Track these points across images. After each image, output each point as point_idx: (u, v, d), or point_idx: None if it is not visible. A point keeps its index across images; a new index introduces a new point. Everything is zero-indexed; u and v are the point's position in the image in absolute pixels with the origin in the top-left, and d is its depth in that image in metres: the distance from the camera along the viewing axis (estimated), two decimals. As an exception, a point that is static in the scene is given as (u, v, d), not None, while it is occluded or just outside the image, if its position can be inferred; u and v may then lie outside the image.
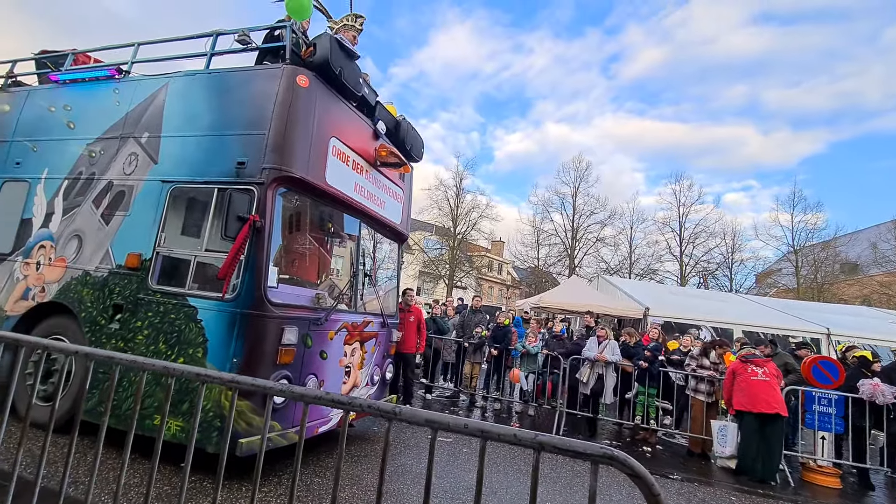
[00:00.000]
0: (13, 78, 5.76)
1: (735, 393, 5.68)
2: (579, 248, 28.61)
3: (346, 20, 4.82)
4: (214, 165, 3.91)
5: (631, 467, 1.08)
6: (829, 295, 22.51)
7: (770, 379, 5.58)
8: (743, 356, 5.79)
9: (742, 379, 5.63)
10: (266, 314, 3.55)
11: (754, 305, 13.35)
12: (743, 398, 5.55)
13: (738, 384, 5.67)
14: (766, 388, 5.51)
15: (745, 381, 5.59)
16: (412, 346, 7.03)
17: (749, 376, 5.59)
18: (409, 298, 7.22)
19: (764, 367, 5.65)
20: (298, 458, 1.40)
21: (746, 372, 5.62)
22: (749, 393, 5.51)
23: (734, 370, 5.76)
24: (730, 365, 5.98)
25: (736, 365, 5.79)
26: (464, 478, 4.36)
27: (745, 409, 5.51)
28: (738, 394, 5.62)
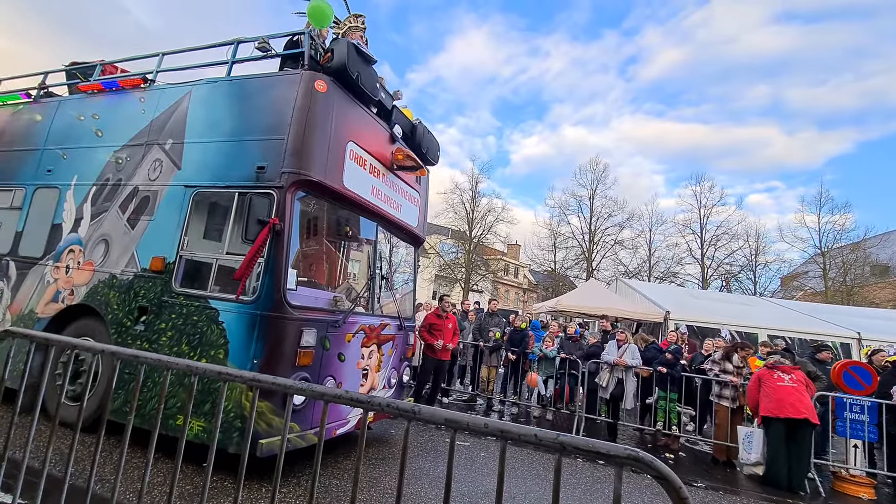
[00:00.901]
0: (45, 89, 5.98)
1: (762, 399, 5.50)
2: (597, 251, 28.25)
3: (349, 21, 4.87)
4: (235, 170, 3.98)
5: (657, 469, 1.05)
6: (858, 298, 21.74)
7: (798, 385, 5.39)
8: (770, 364, 5.61)
9: (768, 385, 5.45)
10: (285, 316, 3.60)
11: (780, 309, 12.95)
12: (770, 404, 5.36)
13: (764, 390, 5.49)
14: (794, 392, 5.32)
15: (772, 386, 5.41)
16: (449, 353, 6.99)
17: (775, 381, 5.41)
18: (447, 305, 7.13)
19: (791, 373, 5.46)
20: (318, 458, 1.40)
21: (773, 378, 5.44)
22: (775, 398, 5.33)
23: (760, 377, 5.58)
24: (755, 372, 5.80)
25: (762, 372, 5.61)
26: (481, 482, 4.32)
27: (773, 414, 5.32)
28: (765, 400, 5.44)
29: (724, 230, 26.54)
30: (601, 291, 13.90)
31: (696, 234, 27.29)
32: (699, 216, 27.40)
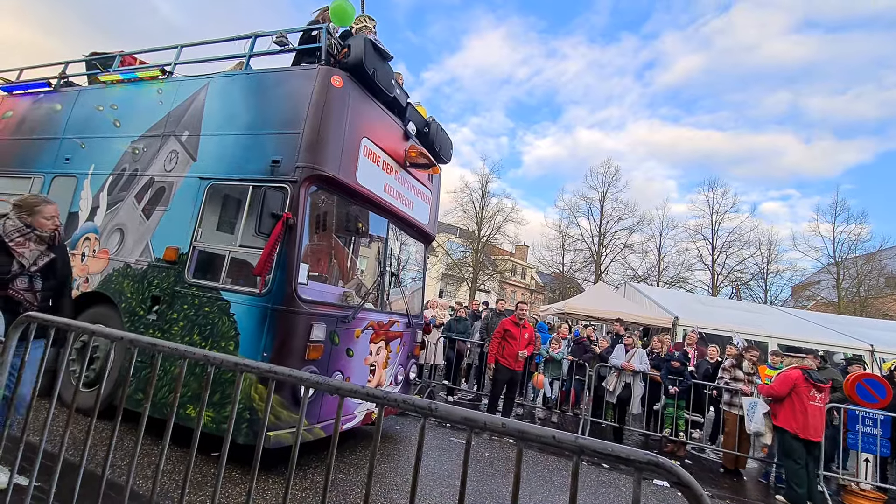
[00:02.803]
0: (65, 79, 6.07)
1: (786, 410, 5.18)
2: (606, 254, 28.06)
3: (362, 20, 4.85)
4: (250, 163, 4.01)
5: (677, 475, 1.04)
6: (872, 310, 21.37)
7: (823, 406, 5.22)
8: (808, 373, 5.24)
9: (801, 400, 5.11)
10: (296, 310, 3.61)
11: (792, 318, 12.79)
12: (794, 421, 5.05)
13: (794, 403, 5.14)
14: (820, 415, 5.13)
15: (804, 403, 5.08)
16: (522, 363, 6.69)
17: (809, 400, 5.10)
18: (523, 312, 6.75)
19: (824, 391, 5.24)
20: (333, 451, 1.40)
21: (808, 394, 5.10)
22: (802, 418, 5.01)
23: (797, 384, 5.18)
24: (789, 372, 5.45)
25: (800, 379, 5.19)
26: (486, 482, 4.31)
27: (794, 431, 5.07)
28: (790, 412, 5.13)
29: (736, 237, 26.27)
30: (609, 295, 13.82)
31: (707, 240, 27.04)
32: (711, 222, 27.14)
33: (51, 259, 2.84)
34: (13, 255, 2.70)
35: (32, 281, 2.78)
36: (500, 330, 6.64)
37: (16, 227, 2.73)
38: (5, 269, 2.68)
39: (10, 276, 2.68)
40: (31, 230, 2.77)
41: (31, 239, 2.76)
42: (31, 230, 2.77)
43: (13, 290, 2.70)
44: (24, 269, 2.73)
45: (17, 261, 2.71)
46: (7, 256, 2.68)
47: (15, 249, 2.70)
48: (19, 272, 2.71)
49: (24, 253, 2.74)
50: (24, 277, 2.73)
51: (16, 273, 2.70)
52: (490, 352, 6.63)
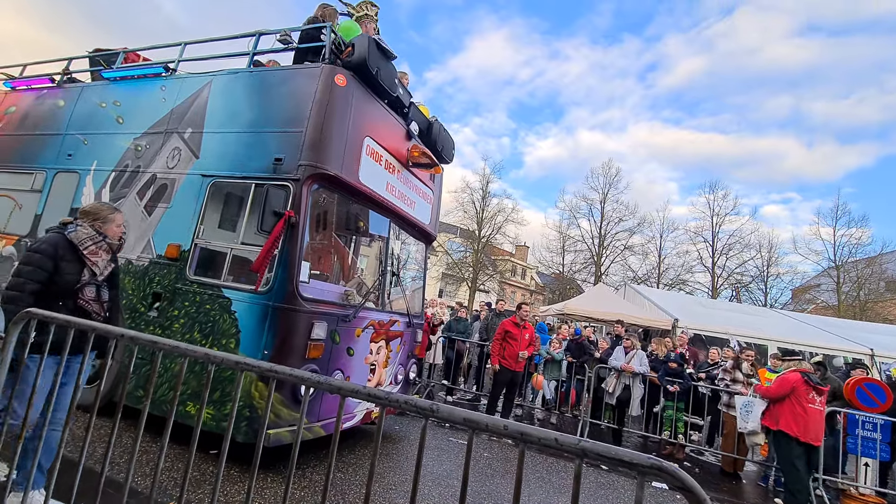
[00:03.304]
0: (68, 75, 6.06)
1: (786, 413, 5.08)
2: (606, 255, 28.07)
3: (363, 8, 4.84)
4: (253, 161, 4.01)
5: (681, 480, 1.03)
6: (872, 314, 21.34)
7: (823, 409, 5.19)
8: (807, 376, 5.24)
9: (800, 403, 4.99)
10: (297, 308, 3.61)
11: (792, 321, 12.77)
12: (795, 424, 5.01)
13: (793, 406, 5.04)
14: (820, 418, 5.10)
15: (803, 407, 4.97)
16: (523, 364, 6.68)
17: (808, 403, 5.07)
18: (525, 314, 6.72)
19: (823, 395, 5.22)
20: (334, 451, 1.40)
21: (808, 397, 4.98)
22: (803, 422, 4.99)
23: (795, 387, 5.05)
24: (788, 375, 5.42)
25: (799, 382, 5.06)
26: (484, 483, 4.31)
27: (795, 434, 5.05)
28: (790, 416, 5.00)
29: (737, 239, 26.28)
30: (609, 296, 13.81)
31: (707, 242, 27.02)
32: (711, 224, 27.14)
33: (113, 268, 2.80)
34: (85, 264, 2.61)
35: (100, 291, 2.70)
36: (501, 331, 6.62)
37: (89, 236, 2.64)
38: (75, 277, 2.58)
39: (81, 284, 2.60)
40: (102, 238, 2.69)
41: (103, 248, 2.68)
42: (102, 238, 2.69)
43: (83, 299, 2.61)
44: (94, 278, 2.65)
45: (90, 269, 2.63)
46: (78, 264, 2.59)
47: (88, 258, 2.61)
48: (88, 281, 2.63)
49: (98, 262, 2.66)
50: (93, 287, 2.65)
51: (86, 282, 2.61)
52: (492, 353, 6.61)
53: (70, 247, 2.57)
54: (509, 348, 6.48)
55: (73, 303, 2.58)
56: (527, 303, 7.43)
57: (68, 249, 2.56)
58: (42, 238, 2.59)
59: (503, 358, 6.47)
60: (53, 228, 2.69)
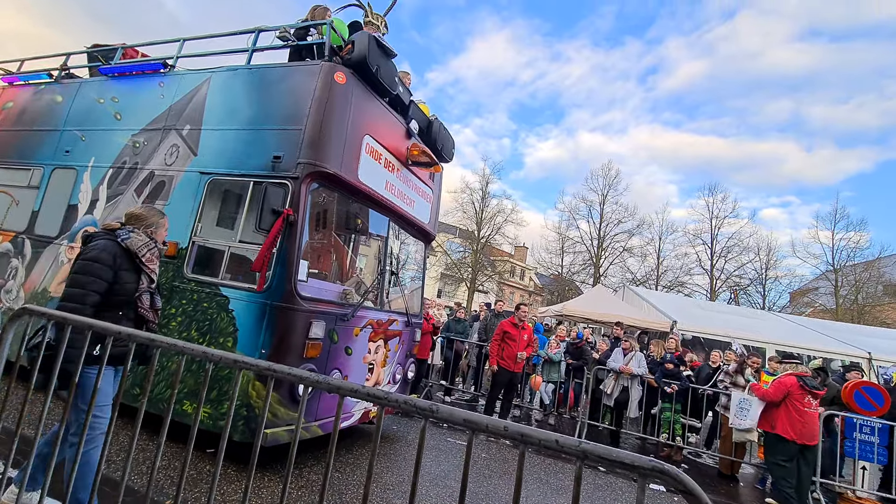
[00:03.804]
0: (66, 70, 6.03)
1: (783, 416, 5.07)
2: (605, 257, 28.09)
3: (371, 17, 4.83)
4: (251, 159, 3.98)
5: (683, 483, 1.02)
6: (870, 318, 21.38)
7: (818, 411, 5.19)
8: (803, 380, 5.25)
9: (795, 407, 5.02)
10: (295, 307, 3.59)
11: (789, 324, 12.78)
12: (791, 429, 5.03)
13: (788, 410, 5.06)
14: (816, 420, 5.11)
15: (799, 410, 5.00)
16: (521, 365, 6.64)
17: (804, 406, 5.08)
18: (524, 314, 6.73)
19: (818, 398, 5.22)
20: (332, 452, 1.38)
21: (803, 400, 5.01)
22: (799, 425, 5.01)
23: (790, 391, 5.09)
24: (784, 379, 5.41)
25: (794, 385, 5.09)
26: (482, 483, 4.30)
27: (791, 438, 5.06)
28: (786, 420, 5.03)
29: (735, 242, 26.33)
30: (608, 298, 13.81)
31: (706, 244, 27.07)
32: (710, 227, 27.18)
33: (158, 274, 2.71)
34: (141, 271, 2.52)
35: (153, 298, 2.61)
36: (500, 332, 6.60)
37: (143, 242, 2.53)
38: (134, 286, 2.48)
39: (139, 293, 2.51)
40: (154, 244, 2.60)
41: (155, 254, 2.59)
42: (154, 244, 2.60)
43: (142, 307, 2.51)
44: (149, 286, 2.56)
45: (147, 276, 2.54)
46: (135, 273, 2.50)
47: (147, 265, 2.52)
48: (146, 289, 2.53)
49: (155, 269, 2.58)
50: (148, 294, 2.55)
51: (143, 290, 2.51)
52: (491, 354, 6.58)
53: (126, 254, 2.47)
54: (508, 349, 6.46)
55: (134, 312, 2.50)
56: (525, 303, 7.40)
57: (125, 257, 2.46)
58: (95, 245, 2.43)
59: (502, 359, 6.46)
60: (101, 234, 2.53)
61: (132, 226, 2.59)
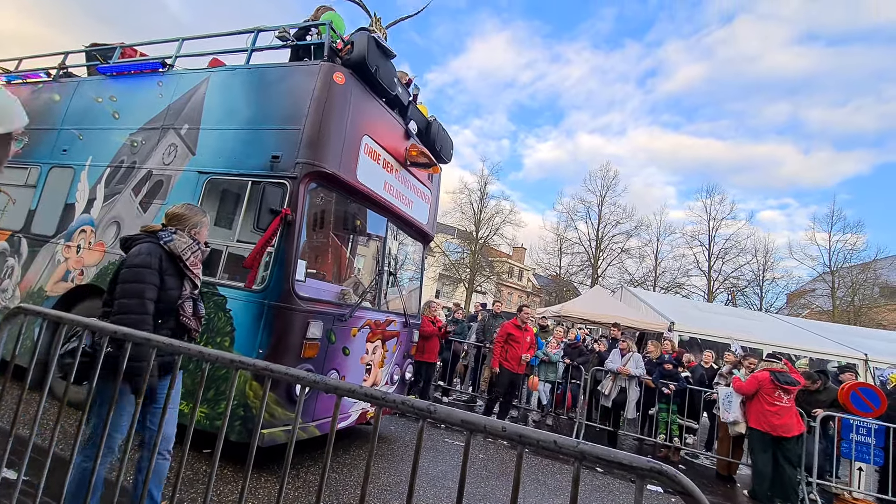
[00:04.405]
0: (64, 69, 6.01)
1: (754, 410, 5.39)
2: (603, 258, 28.11)
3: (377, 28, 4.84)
4: (250, 158, 3.98)
5: (681, 483, 1.02)
6: (866, 319, 21.45)
7: (792, 405, 5.33)
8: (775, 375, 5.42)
9: (766, 400, 5.30)
10: (293, 307, 3.58)
11: (786, 326, 12.82)
12: (762, 419, 5.28)
13: (759, 405, 5.34)
14: (789, 413, 5.26)
15: (769, 402, 5.27)
16: (524, 367, 6.59)
17: (774, 400, 5.27)
18: (526, 316, 6.64)
19: (791, 393, 5.35)
20: (329, 452, 1.38)
21: (773, 394, 5.27)
22: (770, 416, 5.23)
23: (761, 385, 5.39)
24: (759, 374, 5.62)
25: (765, 380, 5.38)
26: (479, 484, 4.29)
27: (762, 428, 5.28)
28: (758, 414, 5.33)
29: (733, 244, 26.35)
30: (606, 299, 13.81)
31: (704, 246, 27.12)
32: (708, 228, 27.23)
33: None
34: (184, 276, 2.34)
35: (196, 305, 2.40)
36: (503, 333, 6.54)
37: (187, 244, 2.34)
38: (178, 292, 2.30)
39: (182, 300, 2.32)
40: (198, 245, 2.41)
41: (199, 256, 2.40)
42: (198, 245, 2.41)
43: (185, 315, 2.32)
44: (193, 292, 2.38)
45: (191, 281, 2.36)
46: (178, 278, 2.31)
47: (190, 269, 2.34)
48: (189, 295, 2.36)
49: (198, 273, 2.41)
50: (190, 301, 2.36)
51: (185, 297, 2.33)
52: (494, 355, 6.53)
53: (170, 258, 2.30)
54: (511, 350, 6.42)
55: (176, 321, 2.31)
56: (528, 305, 7.38)
57: (168, 261, 2.29)
58: (139, 250, 2.25)
59: (505, 360, 6.41)
60: (140, 237, 2.34)
61: (174, 226, 2.40)
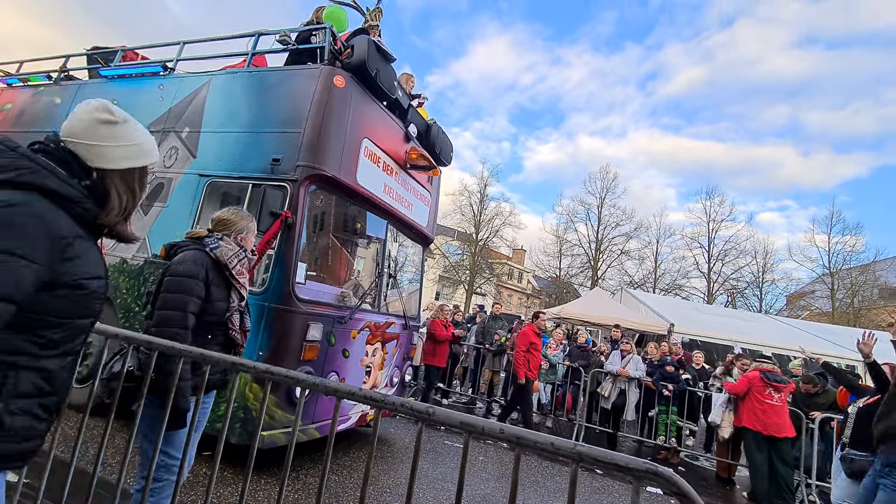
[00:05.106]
0: (66, 72, 6.04)
1: (745, 410, 5.43)
2: (603, 259, 28.13)
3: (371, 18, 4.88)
4: (250, 161, 3.99)
5: (677, 485, 1.03)
6: (866, 321, 21.46)
7: (783, 405, 5.36)
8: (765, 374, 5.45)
9: (757, 398, 5.34)
10: (293, 309, 3.60)
11: (786, 327, 12.83)
12: (754, 420, 5.31)
13: (751, 403, 5.38)
14: (781, 412, 5.30)
15: (759, 402, 5.30)
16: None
17: (765, 398, 5.32)
18: (543, 322, 6.54)
19: (782, 392, 5.38)
20: (328, 455, 1.39)
21: (764, 393, 5.32)
22: (761, 415, 5.27)
23: (751, 383, 5.44)
24: (749, 374, 5.67)
25: (755, 379, 5.43)
26: (479, 486, 4.30)
27: (754, 428, 5.31)
28: (749, 413, 5.36)
29: (732, 246, 26.39)
30: (606, 301, 13.83)
31: (703, 248, 27.14)
32: (708, 230, 27.26)
33: None
34: (231, 286, 2.17)
35: (243, 317, 2.24)
36: (526, 342, 6.30)
37: (234, 252, 2.17)
38: (225, 303, 2.14)
39: (230, 312, 2.16)
40: (244, 253, 2.23)
41: (245, 265, 2.23)
42: (244, 253, 2.23)
43: (233, 329, 2.18)
44: (240, 303, 2.22)
45: (238, 292, 2.20)
46: (225, 289, 2.15)
47: (237, 279, 2.17)
48: (237, 307, 2.20)
49: (245, 283, 2.23)
50: (237, 314, 2.20)
51: (233, 308, 2.18)
52: (518, 366, 6.24)
53: (216, 266, 2.13)
54: (533, 359, 6.31)
55: (224, 334, 2.18)
56: (543, 311, 7.18)
57: (215, 270, 2.12)
58: (184, 258, 2.09)
59: (529, 370, 6.25)
60: (185, 244, 2.19)
61: (220, 232, 2.24)
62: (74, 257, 1.08)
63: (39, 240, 1.00)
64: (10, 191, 1.02)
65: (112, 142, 1.21)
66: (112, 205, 1.20)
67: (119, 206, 1.22)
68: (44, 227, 1.01)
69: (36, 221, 1.00)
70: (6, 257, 0.95)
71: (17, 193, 1.02)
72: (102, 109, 1.23)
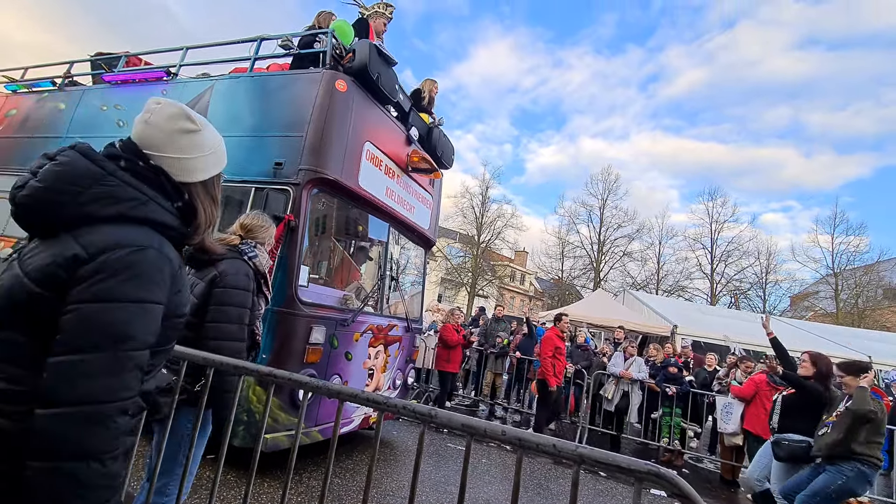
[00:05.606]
0: (70, 78, 6.09)
1: (752, 411, 5.41)
2: (605, 261, 28.08)
3: (378, 7, 4.91)
4: (253, 165, 4.01)
5: (678, 486, 1.04)
6: (870, 321, 21.37)
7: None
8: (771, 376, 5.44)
9: (763, 402, 5.31)
10: (296, 313, 3.61)
11: (790, 328, 12.76)
12: (758, 425, 5.28)
13: (757, 404, 5.36)
14: None
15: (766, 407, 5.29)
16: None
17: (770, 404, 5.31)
18: (565, 325, 6.44)
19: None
20: (331, 457, 1.40)
21: (771, 396, 5.30)
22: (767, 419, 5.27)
23: (758, 386, 5.43)
24: (755, 376, 5.65)
25: (762, 381, 5.43)
26: (482, 489, 4.29)
27: (758, 433, 5.28)
28: (755, 415, 5.34)
29: (735, 246, 26.27)
30: (608, 302, 13.81)
31: (706, 249, 27.06)
32: (710, 231, 27.17)
33: None
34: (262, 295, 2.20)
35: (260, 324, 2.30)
36: (552, 347, 6.23)
37: (266, 260, 2.21)
38: (259, 312, 2.19)
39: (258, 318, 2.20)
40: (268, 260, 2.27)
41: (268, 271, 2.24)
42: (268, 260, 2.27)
43: (258, 333, 2.22)
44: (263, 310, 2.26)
45: (265, 298, 2.24)
46: (259, 297, 2.18)
47: (267, 289, 2.23)
48: (259, 314, 2.23)
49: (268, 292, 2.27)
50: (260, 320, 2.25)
51: (259, 315, 2.21)
52: (547, 372, 6.20)
53: (255, 276, 2.15)
54: (559, 364, 6.26)
55: (252, 341, 2.19)
56: (565, 313, 7.09)
57: (254, 279, 2.14)
58: (236, 269, 2.07)
59: (555, 375, 6.19)
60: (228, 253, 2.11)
61: (252, 239, 2.22)
62: (182, 288, 1.05)
63: (166, 281, 0.96)
64: (130, 227, 0.95)
65: (196, 153, 1.12)
66: (200, 220, 1.12)
67: (206, 219, 1.14)
68: (169, 268, 0.98)
69: (164, 262, 0.96)
70: (151, 307, 0.92)
71: (140, 232, 0.96)
72: (182, 116, 1.12)
